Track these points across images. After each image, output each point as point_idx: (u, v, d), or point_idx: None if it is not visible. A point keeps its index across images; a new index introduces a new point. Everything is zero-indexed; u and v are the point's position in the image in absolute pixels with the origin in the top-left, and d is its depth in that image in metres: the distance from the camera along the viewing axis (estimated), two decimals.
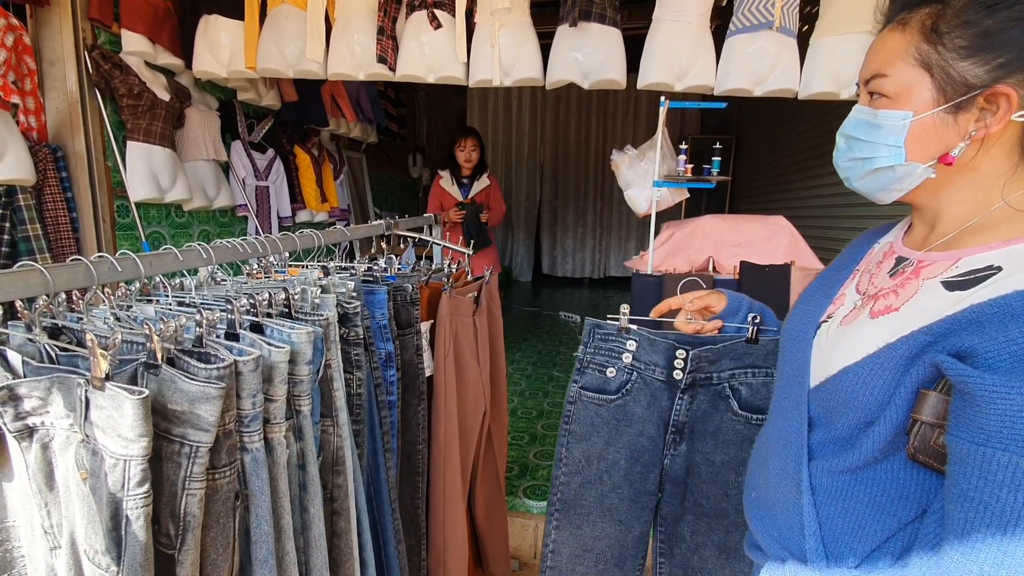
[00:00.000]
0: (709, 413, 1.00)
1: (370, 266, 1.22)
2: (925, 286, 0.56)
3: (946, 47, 0.54)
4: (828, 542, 0.60)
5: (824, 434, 0.62)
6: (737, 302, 0.95)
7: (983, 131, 0.54)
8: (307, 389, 0.80)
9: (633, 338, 1.00)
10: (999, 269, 0.51)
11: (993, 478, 0.44)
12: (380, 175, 4.92)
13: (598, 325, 1.04)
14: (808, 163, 3.79)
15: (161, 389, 0.62)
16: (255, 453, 0.69)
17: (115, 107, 2.34)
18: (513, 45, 2.08)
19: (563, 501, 1.08)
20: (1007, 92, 0.52)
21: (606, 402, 1.04)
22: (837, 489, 0.60)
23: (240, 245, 0.92)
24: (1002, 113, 0.53)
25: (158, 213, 2.58)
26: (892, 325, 0.56)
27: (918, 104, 0.57)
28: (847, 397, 0.58)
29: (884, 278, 0.63)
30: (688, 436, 1.02)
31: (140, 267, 0.74)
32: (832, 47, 1.91)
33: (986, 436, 0.45)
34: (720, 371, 0.99)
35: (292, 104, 3.22)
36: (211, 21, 2.28)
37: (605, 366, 1.03)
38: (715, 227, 2.42)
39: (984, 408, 0.45)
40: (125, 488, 0.58)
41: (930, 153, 0.58)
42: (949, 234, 0.59)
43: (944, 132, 0.56)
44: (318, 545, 0.83)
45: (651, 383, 1.02)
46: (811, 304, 0.71)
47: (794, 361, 0.68)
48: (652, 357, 1.01)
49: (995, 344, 0.46)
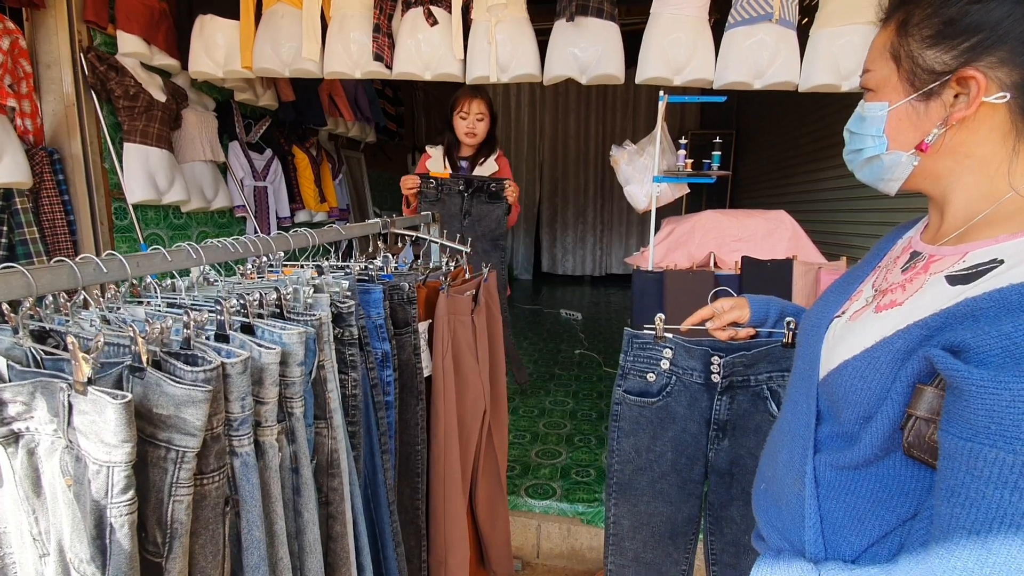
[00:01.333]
0: (750, 412, 1.07)
1: (365, 265, 1.20)
2: (931, 280, 0.55)
3: (913, 38, 0.57)
4: (828, 535, 0.60)
5: (831, 428, 0.62)
6: (763, 311, 0.97)
7: (956, 116, 0.55)
8: (299, 391, 0.79)
9: (669, 346, 1.08)
10: (1001, 262, 0.50)
11: (980, 474, 0.43)
12: (379, 175, 4.91)
13: (635, 335, 1.11)
14: (810, 156, 3.76)
15: (146, 393, 0.60)
16: (245, 457, 0.67)
17: (111, 109, 2.33)
18: (510, 41, 2.07)
19: (619, 484, 1.19)
20: (973, 75, 0.53)
21: (648, 404, 1.13)
22: (840, 483, 0.59)
23: (231, 245, 0.90)
24: (972, 96, 0.54)
25: (156, 215, 2.57)
26: (893, 319, 0.55)
27: (892, 95, 0.59)
28: (846, 391, 0.58)
29: (896, 273, 0.63)
30: (731, 432, 1.10)
31: (127, 268, 0.72)
32: (832, 39, 1.88)
33: (974, 432, 0.44)
34: (757, 374, 1.05)
35: (290, 104, 3.21)
36: (206, 21, 2.27)
37: (645, 372, 1.12)
38: (716, 222, 2.40)
39: (972, 403, 0.44)
40: (109, 495, 0.56)
41: (909, 141, 0.59)
42: (960, 226, 0.58)
43: (918, 120, 0.58)
44: (313, 550, 0.82)
45: (690, 385, 1.10)
46: (829, 299, 0.71)
47: (806, 355, 0.68)
48: (689, 363, 1.08)
49: (987, 338, 0.45)
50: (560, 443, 2.61)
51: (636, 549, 1.22)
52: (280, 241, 1.03)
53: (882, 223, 2.64)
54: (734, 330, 0.98)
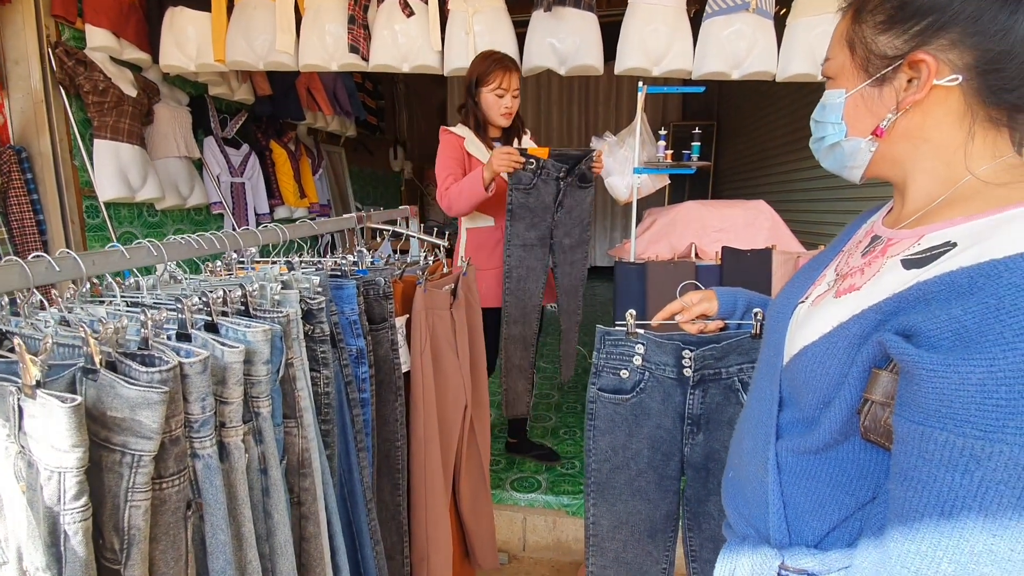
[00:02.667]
0: (722, 405, 1.08)
1: (336, 260, 1.18)
2: (888, 264, 0.55)
3: (867, 24, 0.57)
4: (791, 520, 0.61)
5: (792, 414, 0.62)
6: (731, 302, 0.97)
7: (909, 100, 0.55)
8: (266, 390, 0.77)
9: (640, 342, 1.08)
10: (954, 245, 0.50)
11: (931, 458, 0.43)
12: (361, 169, 4.86)
13: (607, 332, 1.11)
14: (787, 147, 3.79)
15: (100, 395, 0.58)
16: (207, 459, 0.66)
17: (81, 105, 2.27)
18: (488, 32, 2.05)
19: (597, 484, 1.19)
20: (923, 58, 0.53)
21: (623, 401, 1.12)
22: (801, 469, 0.60)
23: (195, 241, 0.88)
24: (924, 80, 0.53)
25: (129, 213, 2.51)
26: (851, 304, 0.55)
27: (849, 82, 0.60)
28: (806, 376, 0.58)
29: (857, 257, 0.63)
30: (705, 427, 1.10)
31: (81, 267, 0.70)
32: (808, 28, 1.89)
33: (925, 415, 0.44)
34: (728, 366, 1.05)
35: (266, 98, 3.15)
36: (177, 14, 2.21)
37: (618, 368, 1.11)
38: (697, 213, 2.40)
39: (923, 387, 0.44)
40: (61, 502, 0.54)
41: (866, 127, 0.59)
42: (919, 210, 0.58)
43: (873, 105, 0.58)
44: (284, 551, 0.80)
45: (663, 381, 1.10)
46: (794, 286, 0.71)
47: (771, 343, 0.68)
48: (661, 358, 1.08)
49: (937, 322, 0.45)
50: (545, 436, 2.61)
51: (617, 549, 1.22)
52: (248, 237, 1.01)
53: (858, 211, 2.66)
54: (703, 323, 0.98)
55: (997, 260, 0.44)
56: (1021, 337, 0.40)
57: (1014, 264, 0.43)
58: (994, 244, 0.45)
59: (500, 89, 1.85)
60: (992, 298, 0.42)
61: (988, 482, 0.41)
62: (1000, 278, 0.43)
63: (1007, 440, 0.40)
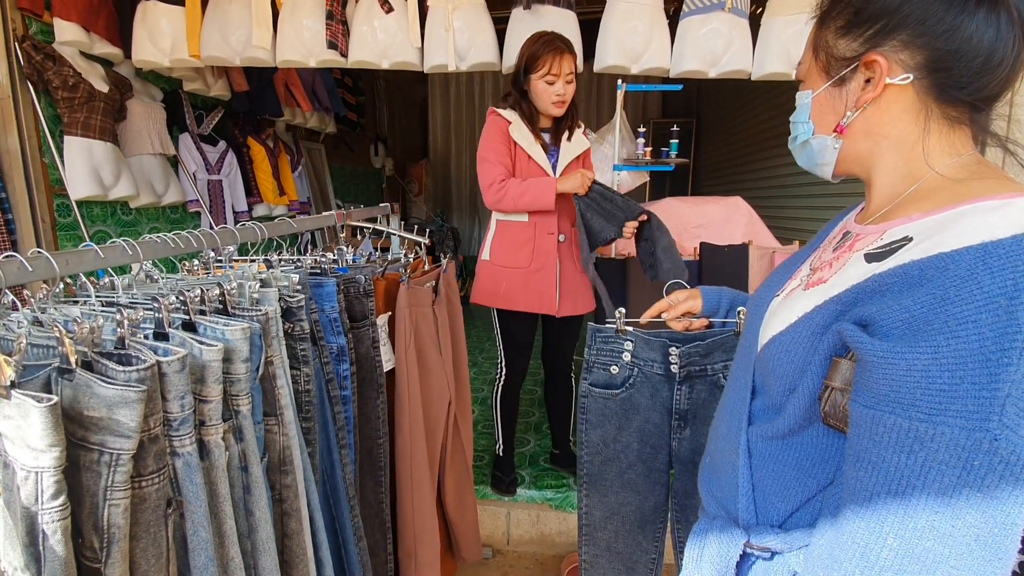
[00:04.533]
0: (708, 401, 1.12)
1: (315, 258, 1.18)
2: (853, 258, 0.57)
3: (829, 29, 0.60)
4: (759, 502, 0.64)
5: (763, 401, 0.65)
6: (715, 300, 1.01)
7: (864, 98, 0.58)
8: (245, 388, 0.77)
9: (629, 339, 1.12)
10: (910, 240, 0.52)
11: (880, 440, 0.46)
12: (341, 166, 4.81)
13: (598, 330, 1.15)
14: (763, 144, 3.85)
15: (76, 395, 0.58)
16: (187, 457, 0.66)
17: (50, 101, 2.21)
18: (467, 29, 2.04)
19: (590, 475, 1.23)
20: (876, 59, 0.56)
21: (613, 396, 1.16)
22: (769, 453, 0.62)
23: (171, 240, 0.87)
24: (877, 79, 0.57)
25: (102, 211, 2.46)
26: (817, 295, 0.57)
27: (814, 83, 0.63)
28: (774, 365, 0.60)
29: (828, 252, 0.65)
30: (691, 422, 1.14)
31: (55, 266, 0.69)
32: (783, 28, 1.92)
33: (876, 400, 0.47)
34: (713, 363, 1.09)
35: (243, 94, 3.10)
36: (149, 7, 2.17)
37: (609, 365, 1.16)
38: (676, 209, 2.44)
39: (874, 373, 0.47)
40: (39, 502, 0.54)
41: (829, 124, 0.63)
42: (884, 206, 0.60)
43: (835, 104, 0.61)
44: (266, 548, 0.80)
45: (651, 377, 1.14)
46: (773, 281, 0.74)
47: (748, 334, 0.70)
48: (649, 354, 1.12)
49: (890, 312, 0.47)
50: (528, 431, 2.63)
51: (608, 539, 1.25)
52: (226, 235, 1.00)
53: (831, 207, 2.72)
54: (689, 320, 1.01)
55: (945, 253, 0.46)
56: (964, 326, 0.42)
57: (960, 257, 0.45)
58: (945, 238, 0.48)
59: (551, 75, 1.68)
60: (939, 289, 0.45)
61: (931, 462, 0.43)
62: (947, 270, 0.45)
63: (948, 423, 0.42)
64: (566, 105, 1.76)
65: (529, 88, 1.75)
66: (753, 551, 0.62)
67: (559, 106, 1.74)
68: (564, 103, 1.75)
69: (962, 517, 0.42)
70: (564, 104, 1.75)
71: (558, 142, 1.84)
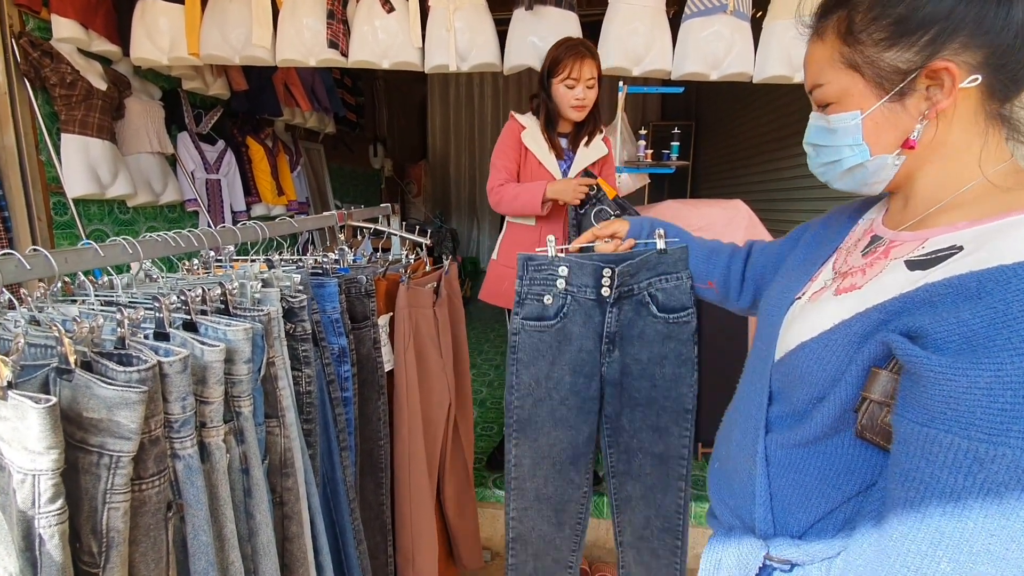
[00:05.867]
0: (634, 320, 1.13)
1: (316, 258, 1.17)
2: (890, 265, 0.56)
3: (867, 44, 0.56)
4: (777, 512, 0.62)
5: (782, 408, 0.63)
6: (639, 224, 1.07)
7: (934, 108, 0.55)
8: (247, 389, 0.76)
9: (564, 264, 1.10)
10: (960, 249, 0.50)
11: (935, 459, 0.44)
12: (340, 167, 4.79)
13: (530, 258, 1.12)
14: (763, 147, 3.86)
15: (75, 396, 0.57)
16: (188, 460, 0.64)
17: (47, 98, 2.19)
18: (469, 29, 2.04)
19: (519, 421, 1.18)
20: (945, 66, 0.52)
21: (547, 328, 1.13)
22: (789, 461, 0.61)
23: (172, 238, 0.86)
24: (948, 86, 0.53)
25: (100, 210, 2.44)
26: (852, 302, 0.56)
27: (862, 102, 0.58)
28: (802, 372, 0.58)
29: (857, 256, 0.63)
30: (619, 343, 1.14)
31: (53, 264, 0.68)
32: (784, 31, 1.92)
33: (930, 417, 0.45)
34: (639, 282, 1.10)
35: (242, 93, 3.09)
36: (148, 5, 2.15)
37: (542, 295, 1.13)
38: (676, 211, 2.43)
39: (929, 389, 0.45)
40: (36, 505, 0.53)
41: (891, 142, 0.58)
42: (921, 212, 0.58)
43: (897, 120, 0.57)
44: (267, 552, 0.79)
45: (584, 303, 1.12)
46: (790, 280, 0.71)
47: (764, 336, 0.68)
48: (583, 280, 1.11)
49: (945, 325, 0.45)
50: None
51: (537, 487, 1.22)
52: (226, 234, 0.99)
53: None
54: (617, 241, 1.07)
55: (1006, 266, 0.44)
56: None
57: (1023, 270, 0.43)
58: (1003, 248, 0.46)
59: (570, 79, 1.70)
60: (1001, 303, 0.43)
61: (990, 484, 0.41)
62: (1009, 284, 0.43)
63: (1010, 443, 0.41)
64: (586, 110, 1.77)
65: (552, 92, 1.77)
66: (772, 563, 0.60)
67: (578, 110, 1.76)
68: (584, 107, 1.76)
69: (1018, 540, 0.40)
70: (584, 108, 1.76)
71: (576, 147, 1.84)
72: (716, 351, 2.19)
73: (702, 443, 2.31)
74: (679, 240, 1.07)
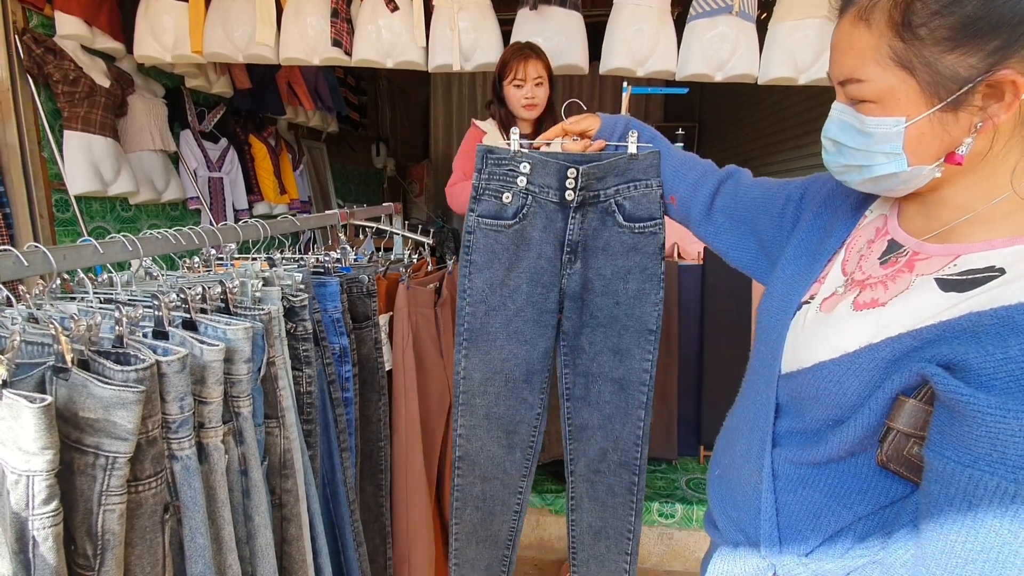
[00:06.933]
0: (599, 230, 1.05)
1: (317, 257, 1.16)
2: (917, 282, 0.52)
3: (926, 42, 0.48)
4: (783, 528, 0.59)
5: (791, 423, 0.60)
6: (612, 123, 1.00)
7: (990, 122, 0.49)
8: (247, 389, 0.75)
9: (527, 160, 1.02)
10: (1001, 271, 0.46)
11: (979, 502, 0.42)
12: (343, 166, 4.79)
13: (490, 150, 1.05)
14: (767, 148, 3.84)
15: (71, 395, 0.56)
16: (186, 461, 0.64)
17: (50, 95, 2.19)
18: (473, 29, 2.03)
19: (471, 331, 1.10)
20: (1013, 78, 0.46)
21: (504, 228, 1.05)
22: (798, 478, 0.58)
23: (172, 236, 0.85)
24: (1009, 99, 0.47)
25: (102, 207, 2.44)
26: (876, 322, 0.52)
27: (909, 108, 0.51)
28: (819, 393, 0.55)
29: (874, 264, 0.58)
30: (582, 254, 1.07)
31: (52, 261, 0.67)
32: (790, 32, 1.91)
33: (973, 457, 0.42)
34: (606, 188, 1.03)
35: (245, 92, 3.08)
36: (152, 2, 2.15)
37: (501, 192, 1.04)
38: None
39: (974, 428, 0.42)
40: (30, 507, 0.52)
41: (934, 154, 0.52)
42: (948, 222, 0.53)
43: (945, 132, 0.50)
44: (265, 555, 0.78)
45: (545, 205, 1.04)
46: (794, 279, 0.66)
47: (769, 341, 0.65)
48: (545, 179, 1.03)
49: (992, 360, 0.42)
50: None
51: (488, 404, 1.13)
52: (228, 232, 0.98)
53: None
54: (587, 141, 1.00)
55: None
56: None
57: None
58: None
59: (518, 80, 1.79)
60: None
61: None
62: None
63: None
64: (537, 108, 1.85)
65: (504, 95, 1.87)
66: None
67: (529, 108, 1.84)
68: (534, 106, 1.83)
69: None
70: (535, 107, 1.84)
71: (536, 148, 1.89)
72: (717, 351, 2.18)
73: (704, 446, 2.30)
74: (652, 146, 1.00)
